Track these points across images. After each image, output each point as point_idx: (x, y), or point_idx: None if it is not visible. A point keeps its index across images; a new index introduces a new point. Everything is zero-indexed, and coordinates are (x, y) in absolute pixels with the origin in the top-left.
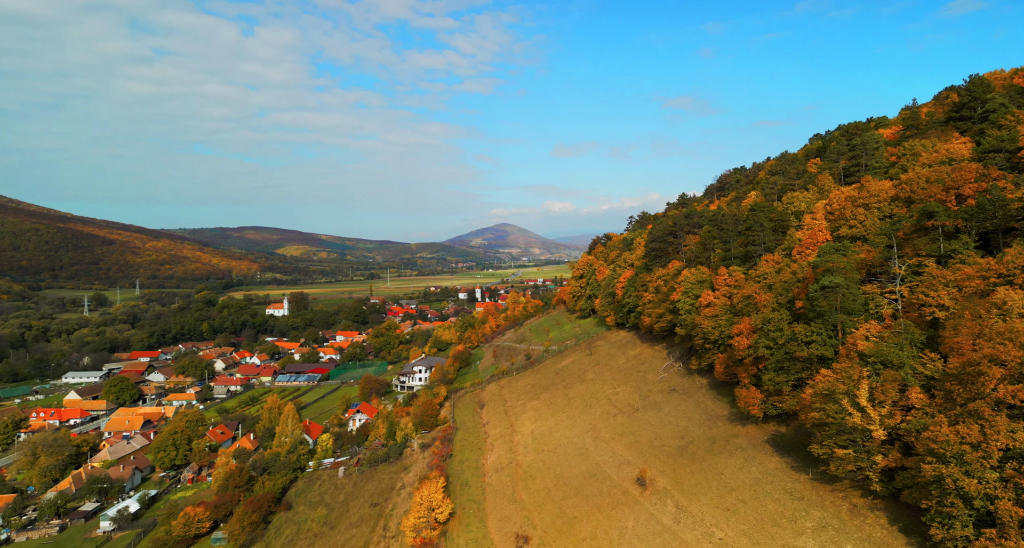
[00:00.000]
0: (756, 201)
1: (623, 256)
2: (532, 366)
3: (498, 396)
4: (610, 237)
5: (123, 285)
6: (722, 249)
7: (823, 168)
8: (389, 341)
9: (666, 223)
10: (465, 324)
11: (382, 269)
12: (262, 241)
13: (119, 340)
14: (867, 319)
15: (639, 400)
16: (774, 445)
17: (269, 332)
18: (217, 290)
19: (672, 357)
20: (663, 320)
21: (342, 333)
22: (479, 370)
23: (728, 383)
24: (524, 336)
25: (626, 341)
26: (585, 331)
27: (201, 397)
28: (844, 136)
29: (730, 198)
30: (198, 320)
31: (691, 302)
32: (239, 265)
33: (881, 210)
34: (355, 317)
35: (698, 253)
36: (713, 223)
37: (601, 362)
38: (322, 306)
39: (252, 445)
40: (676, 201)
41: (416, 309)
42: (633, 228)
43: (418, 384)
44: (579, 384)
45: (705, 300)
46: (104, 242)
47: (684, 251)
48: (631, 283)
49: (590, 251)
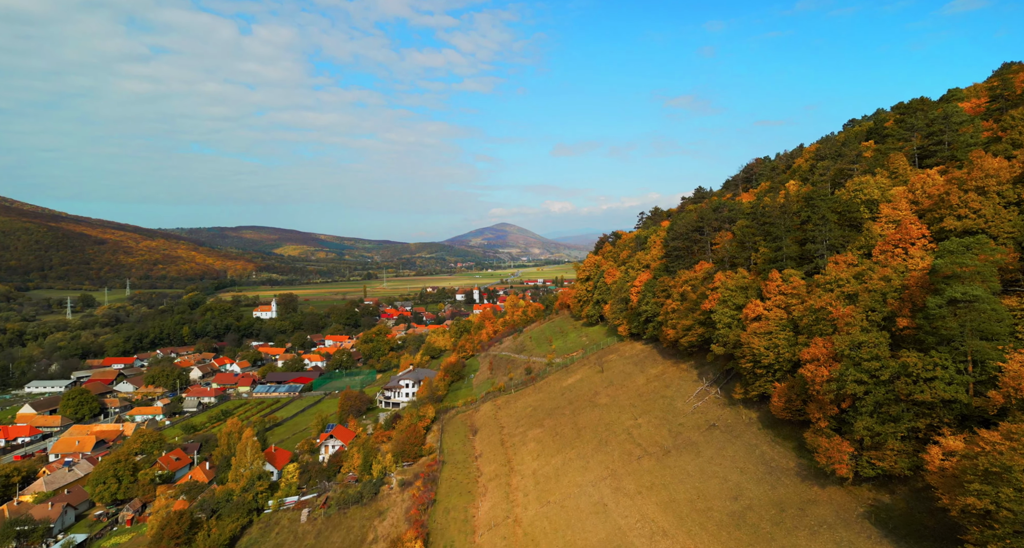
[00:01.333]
0: (812, 190)
1: (636, 256)
2: (533, 382)
3: (494, 419)
4: (619, 235)
5: (114, 286)
6: (769, 248)
7: (886, 150)
8: (379, 347)
9: (689, 218)
10: (460, 329)
11: (380, 269)
12: (260, 241)
13: (94, 345)
14: (1016, 347)
15: (669, 437)
16: (879, 524)
17: (255, 336)
18: (208, 291)
19: (705, 380)
20: (692, 334)
21: (332, 337)
22: (473, 385)
23: (791, 422)
24: (524, 345)
25: (644, 356)
26: (593, 341)
27: (169, 411)
28: (906, 114)
29: (762, 189)
30: (178, 324)
31: (731, 313)
32: (235, 265)
33: (1003, 196)
34: (347, 320)
35: (734, 253)
36: (752, 217)
37: (615, 382)
38: (312, 308)
39: (208, 476)
40: (693, 195)
41: (411, 311)
42: (644, 225)
43: (404, 400)
44: (590, 410)
45: (752, 311)
46: (96, 242)
47: (714, 250)
48: (649, 288)
49: (597, 251)
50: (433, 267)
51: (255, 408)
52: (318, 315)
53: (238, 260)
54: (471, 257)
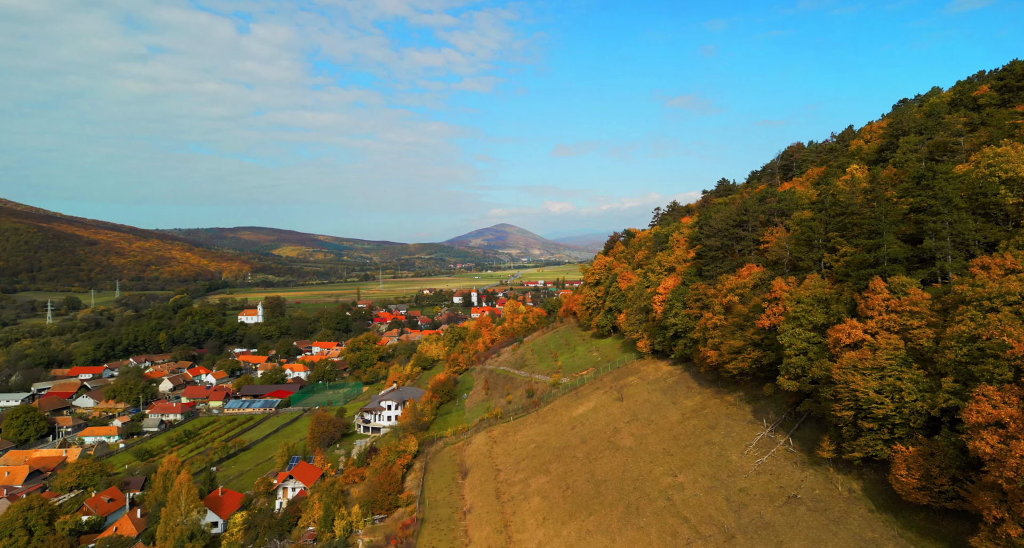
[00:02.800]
0: (924, 168)
1: (657, 258)
2: (536, 408)
3: (488, 457)
4: (632, 234)
5: (104, 287)
6: (858, 246)
7: (999, 121)
8: (366, 356)
9: (727, 211)
10: (455, 337)
11: (379, 270)
12: (258, 242)
13: (62, 353)
14: None
15: (729, 512)
16: None
17: (238, 342)
18: (200, 293)
19: (766, 422)
20: (743, 358)
21: (320, 343)
22: (465, 408)
23: (933, 509)
24: (524, 359)
25: (674, 382)
26: (606, 357)
27: (126, 431)
28: (1005, 78)
29: (810, 176)
30: (155, 330)
31: (807, 335)
32: (230, 266)
33: None
34: (337, 324)
35: (798, 253)
36: (819, 208)
37: (640, 416)
38: (302, 312)
39: (138, 527)
40: (716, 188)
41: (406, 315)
42: (661, 222)
43: (386, 425)
44: (610, 455)
45: (845, 335)
46: (87, 242)
47: (762, 250)
48: (677, 296)
49: (607, 251)
50: (432, 268)
51: (224, 427)
52: (307, 319)
53: (234, 261)
54: (471, 258)
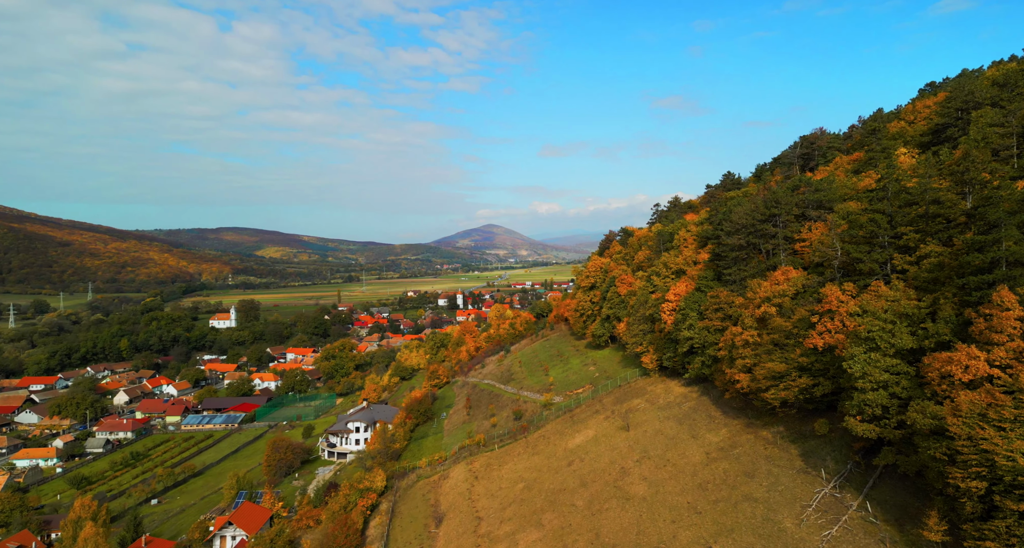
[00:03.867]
0: None
1: (662, 259)
2: (525, 435)
3: (467, 499)
4: (630, 233)
5: (77, 290)
6: (959, 245)
7: None
8: (341, 365)
9: (751, 204)
10: (437, 344)
11: (364, 271)
12: (241, 243)
13: (14, 361)
14: None
15: None
16: None
17: (207, 349)
18: (175, 295)
19: (824, 472)
20: (788, 385)
21: (294, 350)
22: (444, 430)
23: None
24: (511, 372)
25: (690, 407)
26: (605, 373)
27: (65, 453)
28: None
29: (838, 166)
30: (116, 336)
31: (889, 364)
32: (210, 267)
33: None
34: (314, 329)
35: (858, 254)
36: (878, 196)
37: (653, 452)
38: (278, 316)
39: None
40: (722, 181)
41: (388, 319)
42: (662, 219)
43: (353, 449)
44: (618, 506)
45: (963, 369)
46: (60, 243)
47: (798, 250)
48: (692, 304)
49: (602, 251)
50: (418, 269)
51: (178, 447)
52: (283, 324)
53: (214, 262)
54: (458, 259)
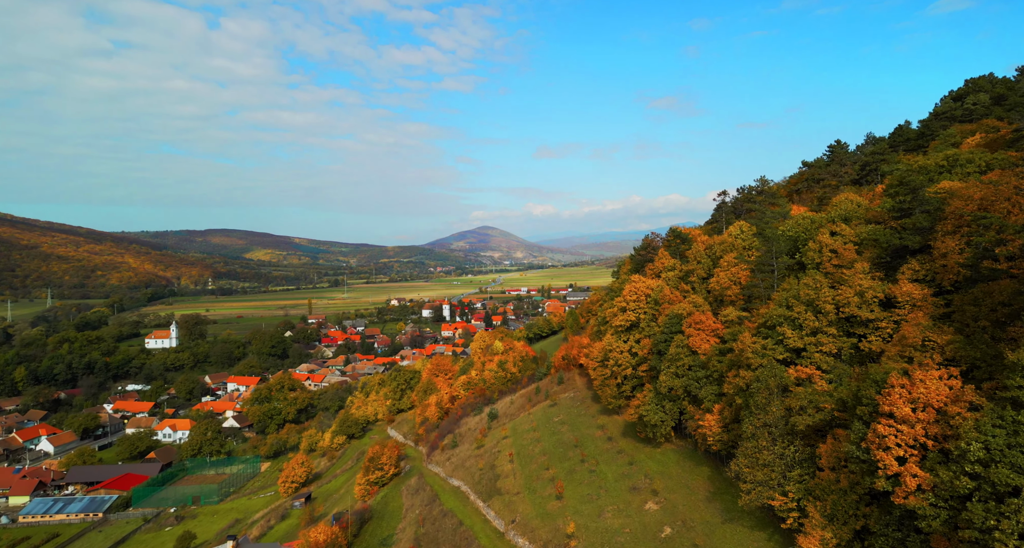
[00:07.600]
0: None
1: (805, 289)
2: None
3: None
4: (684, 236)
5: (39, 296)
6: None
7: None
8: (277, 410)
9: None
10: (401, 384)
11: (353, 275)
12: (229, 245)
13: None
14: None
15: None
16: None
17: (132, 376)
18: (139, 303)
19: None
20: None
21: (237, 379)
22: None
23: None
24: (496, 470)
25: None
26: (677, 518)
27: None
28: None
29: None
30: (9, 363)
31: None
32: (190, 271)
33: None
34: (271, 349)
35: None
36: None
37: None
38: (230, 332)
39: None
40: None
41: (361, 334)
42: (740, 214)
43: None
44: None
45: None
46: (26, 246)
47: None
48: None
49: (641, 265)
50: (410, 272)
51: None
52: (234, 343)
53: (195, 266)
54: (452, 261)
